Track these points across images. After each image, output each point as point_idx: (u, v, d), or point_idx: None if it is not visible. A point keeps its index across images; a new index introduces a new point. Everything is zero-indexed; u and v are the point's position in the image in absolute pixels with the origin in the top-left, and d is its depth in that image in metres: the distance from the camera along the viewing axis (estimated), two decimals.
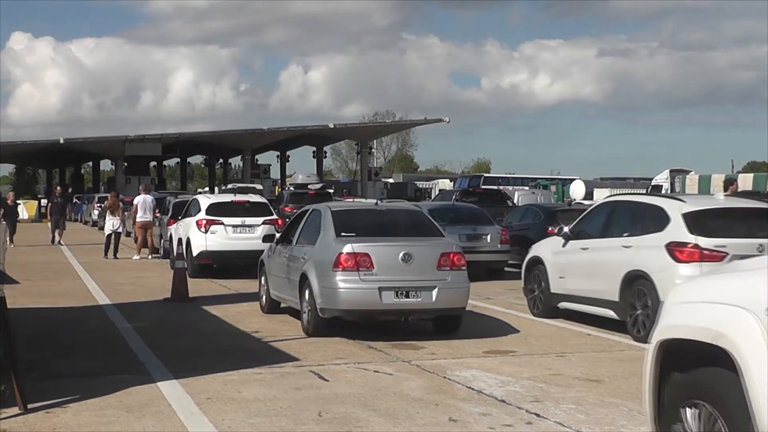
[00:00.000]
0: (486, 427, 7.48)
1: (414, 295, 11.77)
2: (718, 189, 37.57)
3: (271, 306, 14.35)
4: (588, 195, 47.31)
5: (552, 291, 13.95)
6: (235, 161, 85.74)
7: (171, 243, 22.87)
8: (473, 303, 14.80)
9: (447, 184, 70.16)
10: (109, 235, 26.46)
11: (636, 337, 11.72)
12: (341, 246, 11.84)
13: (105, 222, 28.16)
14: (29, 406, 7.84)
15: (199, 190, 79.15)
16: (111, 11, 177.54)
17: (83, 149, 72.87)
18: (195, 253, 20.39)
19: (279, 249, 14.06)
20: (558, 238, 14.14)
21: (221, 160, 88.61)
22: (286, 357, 10.55)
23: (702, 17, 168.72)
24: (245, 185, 48.35)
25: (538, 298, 14.36)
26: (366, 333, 11.98)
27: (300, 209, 14.79)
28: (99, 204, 44.26)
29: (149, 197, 26.99)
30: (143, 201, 26.45)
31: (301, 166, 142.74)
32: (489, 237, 20.57)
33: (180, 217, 22.73)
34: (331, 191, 45.85)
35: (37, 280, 19.66)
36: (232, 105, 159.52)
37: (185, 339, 12.11)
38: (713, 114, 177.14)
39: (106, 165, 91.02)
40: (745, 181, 40.79)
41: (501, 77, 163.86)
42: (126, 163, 67.66)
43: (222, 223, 20.70)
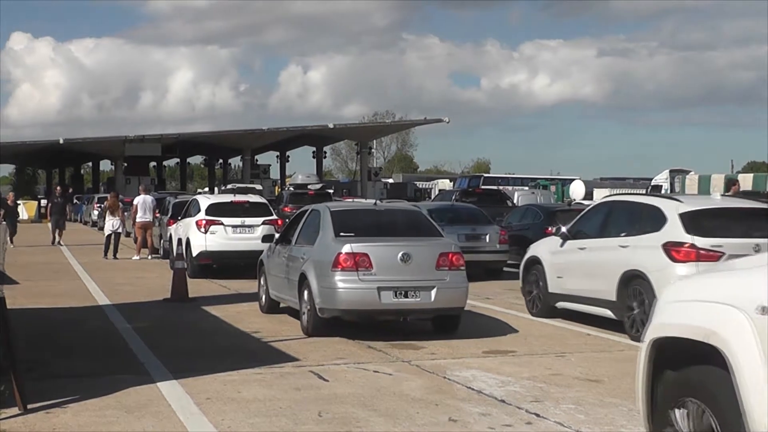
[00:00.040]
0: (486, 427, 7.49)
1: (413, 295, 11.77)
2: (717, 189, 37.57)
3: (271, 306, 14.35)
4: (588, 195, 47.28)
5: (550, 291, 13.97)
6: (235, 161, 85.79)
7: (171, 243, 22.87)
8: (473, 303, 14.80)
9: (447, 184, 70.10)
10: (109, 236, 26.46)
11: (633, 337, 11.72)
12: (340, 246, 11.85)
13: (105, 222, 28.16)
14: (29, 406, 7.85)
15: (199, 190, 78.98)
16: (111, 11, 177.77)
17: (83, 149, 72.88)
18: (195, 254, 20.40)
19: (278, 249, 14.06)
20: (556, 238, 14.17)
21: (221, 160, 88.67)
22: (285, 357, 10.56)
23: (702, 17, 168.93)
24: (245, 185, 48.29)
25: (536, 297, 14.39)
26: (366, 333, 11.98)
27: (299, 209, 14.79)
28: (99, 204, 44.25)
29: (149, 197, 26.99)
30: (143, 201, 26.45)
31: (301, 166, 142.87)
32: (488, 237, 20.58)
33: (180, 218, 22.72)
34: (331, 191, 45.83)
35: (37, 280, 19.65)
36: (231, 105, 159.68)
37: (185, 339, 12.12)
38: (713, 114, 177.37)
39: (105, 165, 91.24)
40: (745, 181, 40.81)
41: (501, 77, 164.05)
42: (126, 164, 67.65)
43: (222, 224, 20.69)
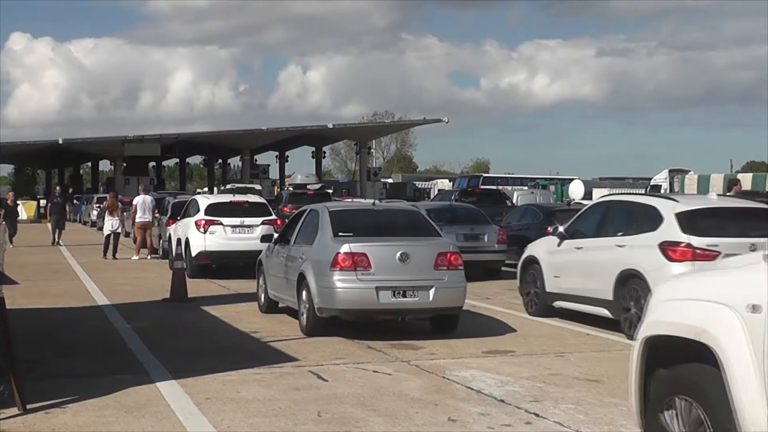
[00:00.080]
0: (485, 427, 7.49)
1: (411, 295, 11.78)
2: (717, 189, 37.61)
3: (269, 306, 14.35)
4: (587, 195, 47.25)
5: (547, 290, 14.01)
6: (234, 161, 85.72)
7: (170, 243, 22.86)
8: (472, 303, 14.81)
9: (446, 184, 70.09)
10: (108, 236, 26.47)
11: (630, 336, 11.73)
12: (339, 246, 11.86)
13: (104, 222, 28.16)
14: (28, 406, 7.85)
15: (198, 190, 78.95)
16: (110, 11, 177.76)
17: (82, 149, 72.85)
18: (194, 254, 20.39)
19: (277, 249, 14.07)
20: (553, 237, 14.21)
21: (220, 160, 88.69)
22: (285, 357, 10.55)
23: (701, 17, 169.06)
24: (244, 185, 48.26)
25: (533, 297, 14.44)
26: (365, 333, 11.98)
27: (298, 209, 14.79)
28: (98, 204, 44.24)
29: (148, 197, 26.98)
30: (142, 201, 26.44)
31: (300, 166, 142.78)
32: (486, 237, 20.60)
33: (179, 218, 22.73)
34: (330, 191, 45.83)
35: (37, 280, 19.65)
36: (231, 105, 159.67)
37: (184, 339, 12.11)
38: (713, 114, 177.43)
39: (105, 165, 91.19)
40: (744, 181, 40.76)
41: (500, 77, 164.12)
42: (125, 164, 67.67)
43: (221, 224, 20.69)
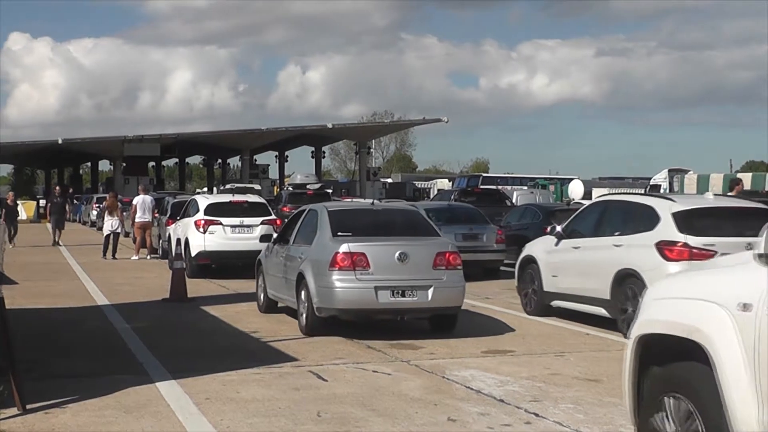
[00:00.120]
0: (485, 427, 7.49)
1: (410, 295, 11.79)
2: (716, 189, 37.60)
3: (269, 305, 14.35)
4: (586, 195, 47.23)
5: (545, 289, 14.04)
6: (234, 161, 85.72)
7: (169, 243, 22.86)
8: (472, 303, 14.82)
9: (446, 183, 70.10)
10: (108, 236, 26.46)
11: (627, 335, 11.75)
12: (338, 245, 11.86)
13: (103, 222, 28.15)
14: (28, 406, 7.85)
15: (198, 190, 78.97)
16: (109, 11, 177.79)
17: (82, 149, 72.81)
18: (193, 254, 20.39)
19: (276, 249, 14.07)
20: (551, 237, 14.23)
21: (220, 160, 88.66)
22: (284, 357, 10.56)
23: (701, 17, 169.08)
24: (244, 185, 48.24)
25: (531, 296, 14.46)
26: (365, 333, 11.98)
27: (298, 209, 14.80)
28: (97, 204, 44.22)
29: (148, 197, 26.99)
30: (142, 201, 26.45)
31: (300, 166, 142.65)
32: (485, 237, 20.63)
33: (178, 218, 22.72)
34: (330, 191, 45.82)
35: (36, 280, 19.65)
36: (230, 105, 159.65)
37: (184, 339, 12.11)
38: (712, 114, 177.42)
39: (104, 165, 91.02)
40: (744, 181, 40.74)
41: (499, 77, 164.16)
42: (124, 164, 67.62)
43: (220, 224, 20.69)
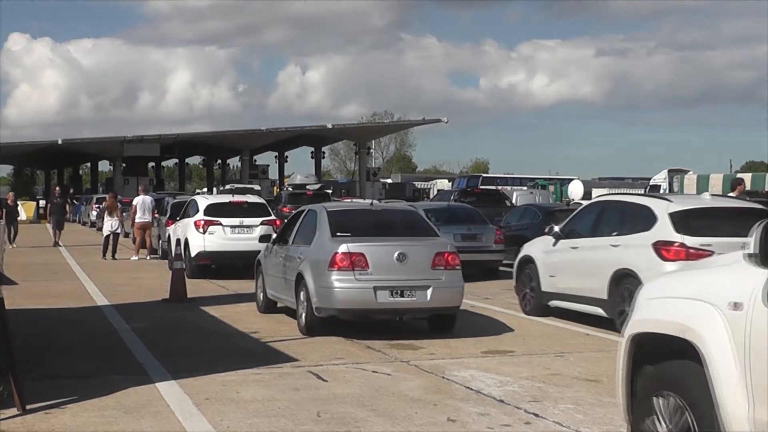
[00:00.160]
0: (484, 427, 7.49)
1: (409, 295, 11.80)
2: (716, 189, 37.62)
3: (268, 306, 14.36)
4: (586, 195, 47.22)
5: (543, 289, 14.07)
6: (234, 162, 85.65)
7: (169, 244, 22.87)
8: (472, 303, 14.83)
9: (445, 184, 70.10)
10: (108, 236, 26.46)
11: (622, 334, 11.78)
12: (337, 246, 11.87)
13: (103, 223, 28.14)
14: (28, 406, 7.84)
15: (198, 190, 78.96)
16: (109, 12, 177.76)
17: (81, 150, 72.78)
18: (193, 254, 20.39)
19: (275, 249, 14.08)
20: (549, 237, 14.26)
21: (219, 160, 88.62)
22: (284, 357, 10.56)
23: (701, 17, 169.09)
24: (243, 186, 48.22)
25: (529, 296, 14.48)
26: (364, 333, 11.99)
27: (297, 209, 14.80)
28: (97, 205, 44.20)
29: (148, 198, 26.98)
30: (142, 202, 26.45)
31: (300, 166, 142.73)
32: (484, 237, 20.67)
33: (178, 218, 22.72)
34: (330, 192, 45.83)
35: (36, 280, 19.64)
36: (230, 105, 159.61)
37: (183, 339, 12.11)
38: (712, 114, 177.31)
39: (104, 166, 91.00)
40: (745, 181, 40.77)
41: (499, 77, 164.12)
42: (124, 164, 67.61)
43: (220, 224, 20.69)
